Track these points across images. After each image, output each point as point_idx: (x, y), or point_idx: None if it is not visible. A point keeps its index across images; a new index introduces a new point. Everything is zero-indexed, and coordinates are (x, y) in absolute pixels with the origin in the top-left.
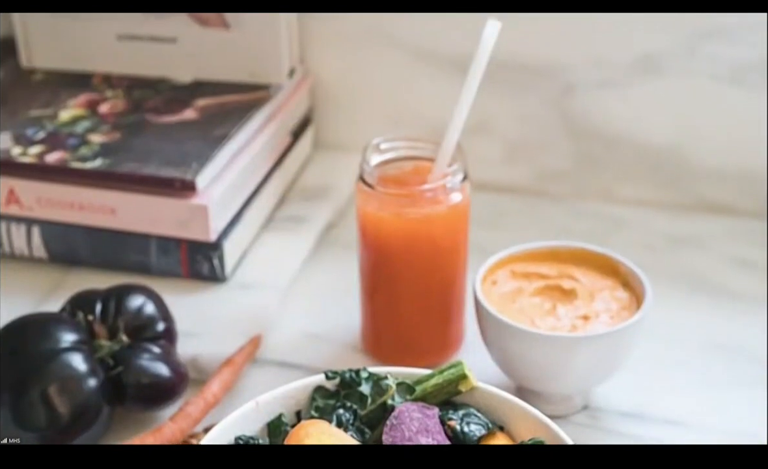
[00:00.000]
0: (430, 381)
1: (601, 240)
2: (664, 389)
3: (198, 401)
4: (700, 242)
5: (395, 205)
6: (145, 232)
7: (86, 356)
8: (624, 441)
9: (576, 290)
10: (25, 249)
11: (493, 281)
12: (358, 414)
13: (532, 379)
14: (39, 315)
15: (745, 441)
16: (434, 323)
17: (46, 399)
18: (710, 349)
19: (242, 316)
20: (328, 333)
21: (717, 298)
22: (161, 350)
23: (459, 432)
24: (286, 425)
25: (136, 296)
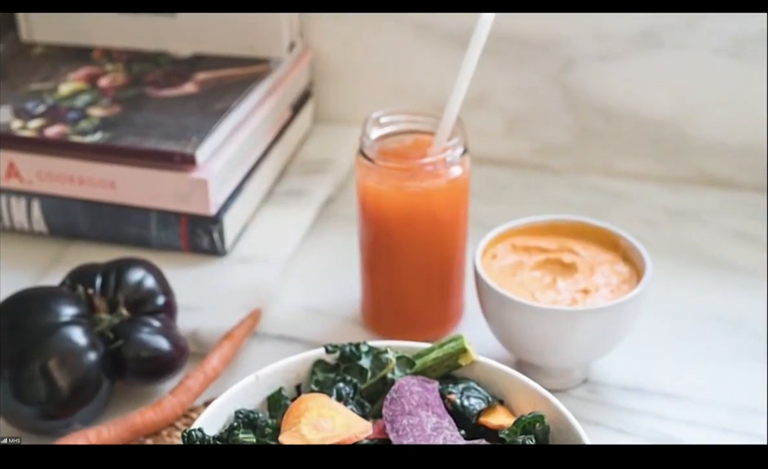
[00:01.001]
0: (430, 355)
1: (601, 214)
2: (664, 363)
3: (198, 375)
4: (701, 215)
5: (395, 179)
6: (145, 206)
7: (86, 330)
8: (624, 415)
9: (576, 263)
10: (25, 223)
11: (494, 255)
12: (358, 388)
13: (532, 352)
14: (39, 289)
15: (745, 415)
16: (434, 296)
17: (46, 373)
18: (710, 322)
19: (242, 290)
20: (328, 307)
21: (717, 272)
22: (161, 323)
23: (459, 406)
24: (286, 398)
25: (136, 270)
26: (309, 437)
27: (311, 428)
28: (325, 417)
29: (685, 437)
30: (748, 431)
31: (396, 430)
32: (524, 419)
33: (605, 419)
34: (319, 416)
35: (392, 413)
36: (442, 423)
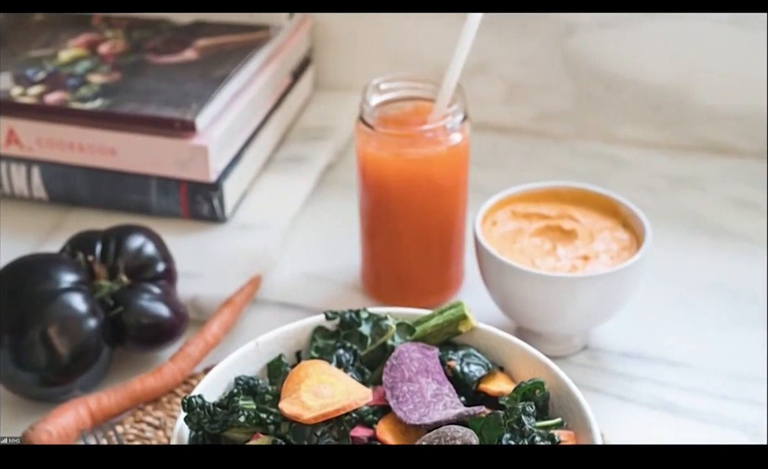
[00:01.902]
0: (430, 321)
1: (601, 181)
2: (663, 330)
3: (198, 342)
4: (701, 182)
5: (395, 146)
6: (145, 172)
7: (86, 297)
8: (624, 382)
9: (576, 230)
10: (25, 189)
11: (494, 222)
12: (358, 354)
13: (532, 319)
14: (39, 256)
15: (746, 382)
16: (434, 263)
17: (45, 340)
18: (710, 290)
19: (242, 256)
20: (328, 273)
21: (717, 239)
22: (161, 290)
23: (459, 372)
24: (286, 365)
25: (136, 237)
26: (309, 403)
27: (311, 395)
28: (325, 384)
29: (685, 404)
30: (748, 399)
31: (396, 397)
32: (524, 385)
33: (605, 385)
34: (319, 382)
35: (392, 380)
36: (442, 390)
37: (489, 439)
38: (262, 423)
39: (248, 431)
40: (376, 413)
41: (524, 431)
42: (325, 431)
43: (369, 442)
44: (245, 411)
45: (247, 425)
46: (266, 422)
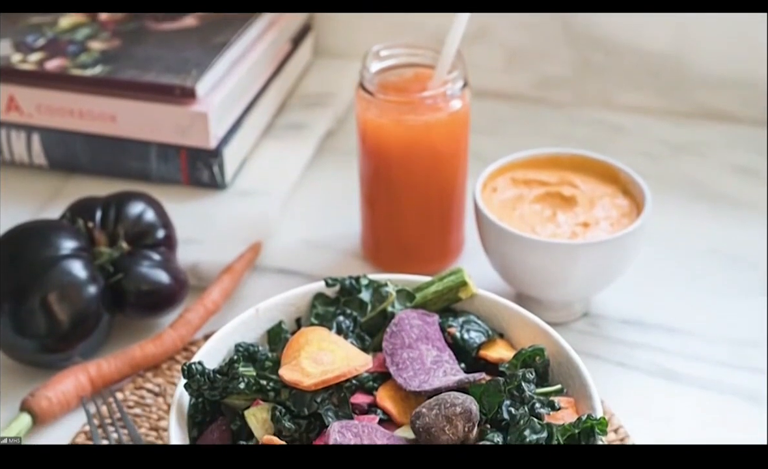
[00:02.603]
0: (430, 288)
1: (601, 147)
2: (663, 297)
3: (198, 308)
4: (701, 149)
5: (395, 113)
6: (145, 139)
7: (86, 263)
8: (623, 348)
9: (576, 197)
10: (24, 156)
11: (494, 188)
12: (358, 321)
13: (532, 286)
14: (39, 222)
15: (745, 348)
16: (434, 230)
17: (45, 306)
18: (710, 256)
19: (242, 223)
20: (328, 240)
21: (717, 205)
22: (161, 257)
23: (459, 339)
24: (286, 332)
25: (136, 203)
26: (309, 370)
27: (311, 362)
28: (325, 350)
29: (685, 371)
30: (747, 365)
31: (396, 363)
32: (524, 352)
33: (605, 352)
34: (319, 349)
35: (392, 347)
36: (442, 356)
37: (489, 406)
38: (262, 390)
39: (248, 397)
40: (376, 380)
41: (524, 398)
42: (325, 397)
43: (369, 408)
44: (245, 378)
45: (247, 391)
46: (266, 389)
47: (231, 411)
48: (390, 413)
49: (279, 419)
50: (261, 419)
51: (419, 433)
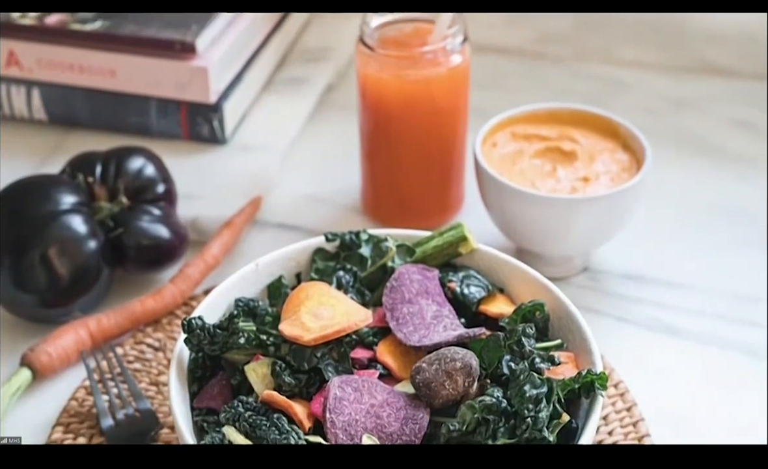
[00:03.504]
0: (430, 243)
1: (601, 102)
2: (663, 251)
3: (198, 263)
4: (701, 104)
5: (395, 67)
6: (144, 94)
7: (86, 218)
8: (624, 303)
9: (576, 151)
10: (24, 111)
11: (494, 143)
12: (358, 276)
13: (532, 241)
14: (39, 177)
15: (745, 303)
16: (434, 185)
17: (45, 261)
18: (710, 211)
19: (242, 178)
20: (328, 195)
21: (717, 160)
22: (161, 211)
23: (459, 294)
24: (285, 287)
25: (136, 158)
26: (309, 325)
27: (311, 317)
28: (325, 305)
29: (685, 325)
30: (747, 319)
31: (396, 318)
32: (524, 307)
33: (605, 307)
34: (319, 304)
35: (392, 302)
36: (442, 311)
37: (489, 360)
38: (262, 345)
39: (248, 352)
40: (376, 335)
41: (524, 353)
42: (325, 352)
43: (369, 363)
44: (245, 333)
45: (247, 346)
46: (266, 344)
47: (231, 366)
48: (390, 368)
49: (279, 374)
50: (261, 374)
51: (419, 388)
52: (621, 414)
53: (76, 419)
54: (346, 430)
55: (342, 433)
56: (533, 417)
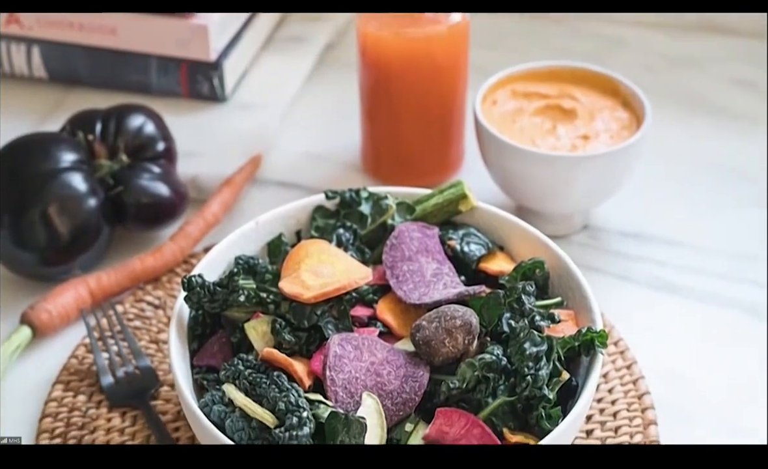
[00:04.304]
0: (430, 201)
1: (601, 60)
2: (663, 210)
3: (198, 221)
4: (701, 62)
5: (395, 25)
6: (145, 52)
7: (86, 176)
8: (623, 261)
9: (576, 109)
10: (24, 69)
11: (494, 101)
12: (358, 234)
13: (532, 198)
14: (39, 135)
15: (745, 261)
16: (434, 143)
17: (45, 219)
18: (710, 169)
19: (242, 136)
20: (328, 153)
21: (717, 118)
22: (161, 169)
23: (459, 252)
24: (285, 244)
25: (136, 116)
26: (309, 283)
27: (311, 274)
28: (325, 263)
29: (685, 283)
30: (747, 278)
31: (396, 276)
32: (524, 265)
33: (605, 264)
34: (319, 261)
35: (392, 259)
36: (442, 269)
37: (489, 318)
38: (262, 302)
39: (248, 310)
40: (375, 293)
41: (524, 311)
42: (325, 310)
43: (369, 321)
44: (245, 290)
45: (247, 304)
46: (266, 302)
47: (231, 324)
48: (390, 326)
49: (279, 332)
50: (261, 331)
51: (419, 345)
52: (621, 372)
53: (76, 377)
54: (345, 388)
55: (342, 391)
56: (533, 375)
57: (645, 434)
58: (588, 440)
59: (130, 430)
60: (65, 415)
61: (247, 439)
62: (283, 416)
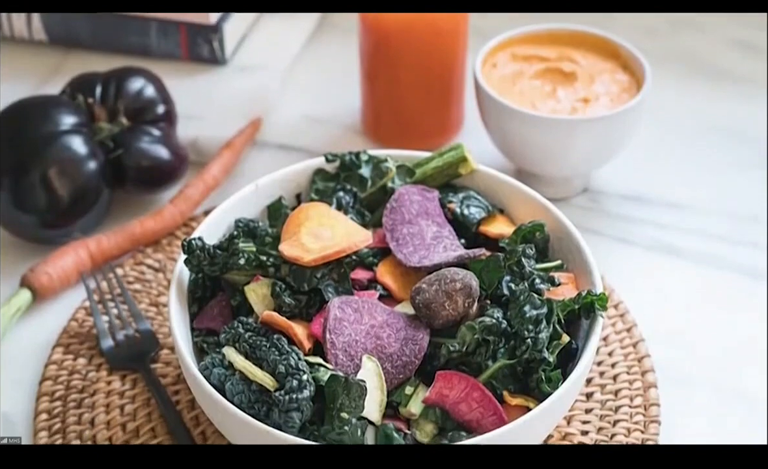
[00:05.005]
0: (430, 164)
1: (601, 23)
2: (663, 172)
3: (198, 184)
4: (701, 24)
5: None
6: (145, 14)
7: (86, 139)
8: (623, 224)
9: (576, 72)
10: (24, 32)
11: (494, 64)
12: (358, 197)
13: (532, 161)
14: (39, 98)
15: (745, 223)
16: (434, 105)
17: (45, 181)
18: (710, 131)
19: (242, 98)
20: (329, 116)
21: (717, 81)
22: (161, 132)
23: (459, 214)
24: (285, 207)
25: (136, 79)
26: (309, 246)
27: (311, 237)
28: (325, 226)
29: (685, 246)
30: (747, 240)
31: (396, 239)
32: (524, 227)
33: (605, 227)
34: (319, 224)
35: (392, 222)
36: (442, 232)
37: (489, 281)
38: (262, 265)
39: (248, 273)
40: (376, 256)
41: (524, 273)
42: (325, 273)
43: (369, 284)
44: (245, 253)
45: (247, 267)
46: (266, 265)
47: (231, 287)
48: (390, 289)
49: (279, 295)
50: (261, 294)
51: (419, 308)
52: (621, 335)
53: (76, 340)
54: (346, 351)
55: (342, 354)
56: (533, 338)
57: (645, 397)
58: (588, 404)
59: (129, 393)
60: (65, 378)
61: (246, 402)
62: (283, 379)
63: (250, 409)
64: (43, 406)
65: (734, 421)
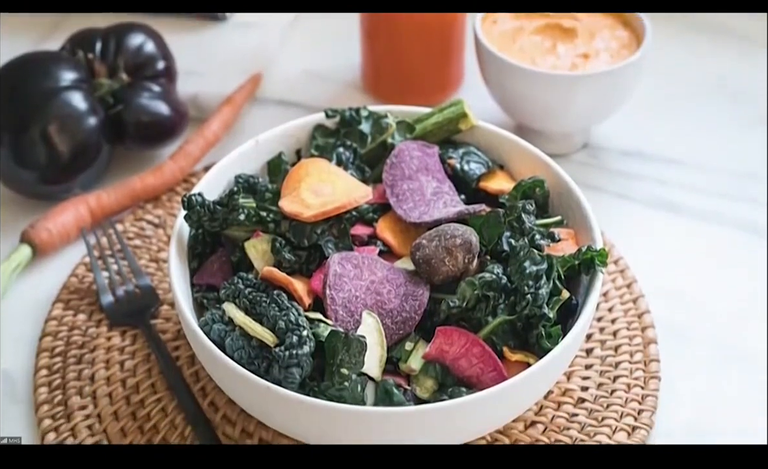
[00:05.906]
0: (430, 120)
1: None
2: (664, 129)
3: (198, 140)
4: None
5: None
6: None
7: (86, 95)
8: (623, 180)
9: (576, 28)
10: None
11: (494, 20)
12: (358, 153)
13: (533, 117)
14: (39, 54)
15: (745, 180)
16: (434, 61)
17: (45, 137)
18: (711, 88)
19: (242, 54)
20: (329, 71)
21: (717, 38)
22: (161, 88)
23: (459, 170)
24: (285, 163)
25: (136, 35)
26: (309, 201)
27: (311, 193)
28: (325, 182)
29: (685, 202)
30: (746, 196)
31: (396, 195)
32: (524, 183)
33: (605, 183)
34: (319, 180)
35: (392, 178)
36: (442, 188)
37: (489, 237)
38: (262, 221)
39: (248, 229)
40: (375, 211)
41: (524, 229)
42: (325, 229)
43: (369, 240)
44: (245, 209)
45: (247, 223)
46: (266, 220)
47: (231, 243)
48: (390, 245)
49: (279, 251)
50: (261, 250)
51: (419, 264)
52: (621, 291)
53: (76, 296)
54: (346, 306)
55: (342, 309)
56: (533, 294)
57: (645, 352)
58: (588, 360)
59: (129, 349)
60: (65, 334)
61: (246, 357)
62: (282, 334)
63: (250, 365)
64: (43, 362)
65: (734, 377)
